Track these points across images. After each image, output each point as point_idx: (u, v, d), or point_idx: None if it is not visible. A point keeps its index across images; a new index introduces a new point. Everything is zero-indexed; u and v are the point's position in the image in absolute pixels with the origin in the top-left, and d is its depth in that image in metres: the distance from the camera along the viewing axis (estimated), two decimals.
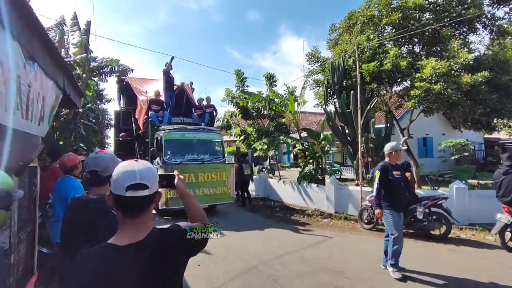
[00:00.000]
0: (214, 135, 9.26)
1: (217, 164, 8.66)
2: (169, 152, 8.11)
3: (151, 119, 8.99)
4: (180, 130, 8.57)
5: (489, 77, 7.63)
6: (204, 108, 10.35)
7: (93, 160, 1.81)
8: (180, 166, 7.77)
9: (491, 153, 20.29)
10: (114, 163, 1.84)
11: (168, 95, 9.71)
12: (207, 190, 8.09)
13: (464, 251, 5.49)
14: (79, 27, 11.54)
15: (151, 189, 1.09)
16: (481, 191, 7.92)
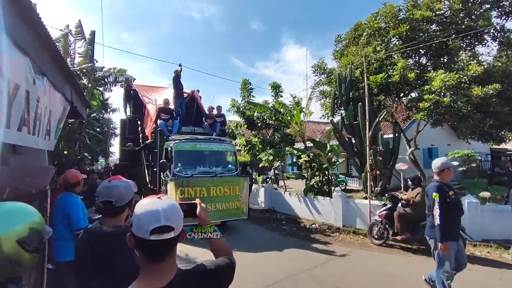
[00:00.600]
0: (227, 146, 8.78)
1: (230, 177, 8.14)
2: (180, 164, 7.67)
3: (160, 128, 8.53)
4: (191, 141, 8.09)
5: (500, 89, 7.53)
6: (215, 117, 9.89)
7: (107, 190, 1.69)
8: (191, 179, 7.32)
9: (498, 164, 20.02)
10: (129, 192, 1.73)
11: (178, 103, 9.34)
12: (219, 205, 7.54)
13: (481, 271, 5.28)
14: (84, 36, 11.61)
15: (176, 230, 1.01)
16: (494, 206, 7.73)
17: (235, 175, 8.36)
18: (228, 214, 7.67)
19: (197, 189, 7.13)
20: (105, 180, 1.85)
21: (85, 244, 1.68)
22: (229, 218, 7.84)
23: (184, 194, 6.87)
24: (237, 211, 7.79)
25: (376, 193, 8.59)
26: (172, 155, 7.62)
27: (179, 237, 1.05)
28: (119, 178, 1.81)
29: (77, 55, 12.02)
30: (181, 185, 6.92)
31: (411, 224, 6.37)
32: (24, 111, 3.35)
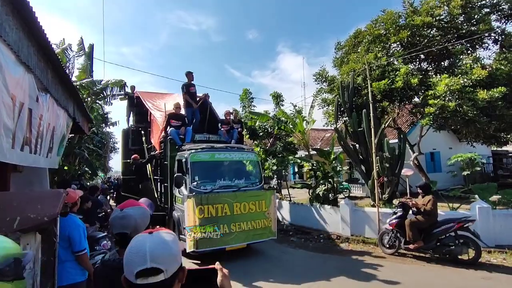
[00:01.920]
0: (249, 154, 7.68)
1: (255, 190, 7.07)
2: (197, 177, 6.59)
3: (171, 136, 7.53)
4: (209, 150, 7.03)
5: (505, 92, 7.50)
6: (232, 123, 8.92)
7: (120, 221, 1.55)
8: (211, 195, 6.27)
9: (501, 166, 19.96)
10: (144, 220, 1.61)
11: (190, 111, 8.42)
12: (244, 225, 6.43)
13: (500, 279, 5.12)
14: (85, 52, 11.60)
15: (167, 272, 0.87)
16: (506, 210, 7.60)
17: (261, 188, 7.36)
18: (254, 235, 6.57)
19: (218, 207, 6.14)
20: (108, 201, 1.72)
21: (103, 278, 1.55)
22: (256, 240, 6.66)
23: (204, 213, 5.91)
24: (264, 230, 6.71)
25: (384, 200, 8.44)
26: (188, 167, 6.59)
27: (175, 280, 0.90)
28: (131, 204, 1.67)
29: (76, 69, 12.02)
30: (200, 202, 5.94)
31: (423, 232, 6.22)
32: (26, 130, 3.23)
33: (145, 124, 10.28)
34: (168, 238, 0.92)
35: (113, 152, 20.78)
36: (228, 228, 6.17)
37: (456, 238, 5.94)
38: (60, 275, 2.81)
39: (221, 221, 6.05)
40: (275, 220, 7.06)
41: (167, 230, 0.96)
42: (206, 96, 9.12)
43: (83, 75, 11.84)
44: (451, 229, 5.96)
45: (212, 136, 8.36)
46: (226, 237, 6.02)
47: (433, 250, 6.18)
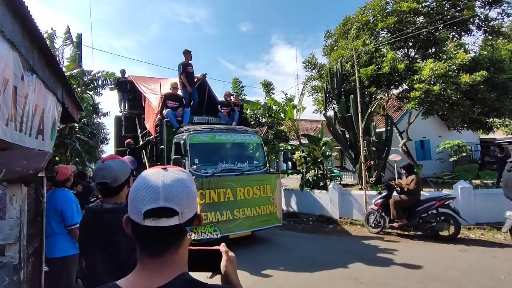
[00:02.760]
0: (252, 136, 7.21)
1: (259, 174, 6.67)
2: (197, 160, 6.09)
3: (168, 118, 7.02)
4: (209, 131, 6.56)
5: (487, 76, 7.71)
6: (233, 105, 8.38)
7: (101, 172, 1.66)
8: (213, 179, 5.87)
9: (488, 153, 20.42)
10: (124, 171, 1.70)
11: (187, 91, 7.85)
12: (248, 211, 6.06)
13: (476, 251, 5.40)
14: (72, 41, 11.50)
15: (183, 216, 0.70)
16: (486, 190, 7.90)
17: (265, 172, 6.94)
18: (259, 222, 6.20)
19: (220, 192, 5.74)
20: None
21: (87, 222, 1.68)
22: (261, 227, 6.30)
23: (205, 198, 5.52)
24: (269, 217, 6.35)
25: (371, 183, 8.68)
26: (187, 150, 6.08)
27: (190, 225, 0.75)
28: (113, 157, 1.79)
29: (64, 59, 11.92)
30: (201, 187, 5.52)
31: (407, 211, 6.46)
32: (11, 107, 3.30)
33: (138, 110, 9.93)
34: (186, 177, 0.76)
35: (105, 144, 20.69)
36: (232, 214, 5.80)
37: (437, 216, 6.19)
38: (53, 247, 2.90)
39: (223, 207, 5.72)
40: (281, 206, 6.70)
41: (182, 169, 0.82)
42: (204, 76, 8.55)
43: (72, 65, 11.77)
44: (432, 207, 6.20)
45: (212, 118, 7.88)
46: (229, 224, 5.70)
47: (416, 227, 6.44)
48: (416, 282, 4.11)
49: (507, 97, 8.46)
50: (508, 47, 9.27)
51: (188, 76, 7.79)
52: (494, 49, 8.72)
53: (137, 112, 10.04)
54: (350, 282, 4.25)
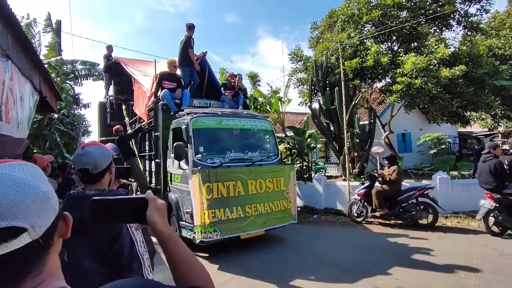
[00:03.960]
0: (263, 123, 6.35)
1: (272, 165, 5.88)
2: (201, 148, 5.30)
3: (164, 101, 6.15)
4: (215, 115, 5.74)
5: (465, 70, 7.98)
6: (237, 88, 7.45)
7: (81, 158, 1.61)
8: (221, 170, 5.03)
9: (465, 145, 21.26)
10: (105, 157, 1.65)
11: (187, 70, 6.87)
12: (261, 207, 5.25)
13: (452, 237, 5.66)
14: (53, 28, 11.05)
15: (35, 229, 0.52)
16: (462, 180, 8.24)
17: (278, 162, 6.16)
18: (273, 220, 5.41)
19: (230, 185, 4.96)
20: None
21: (68, 209, 1.63)
22: (275, 225, 5.48)
23: (212, 193, 4.73)
24: (284, 213, 5.56)
25: (354, 174, 8.88)
26: (190, 136, 5.24)
27: (50, 243, 0.57)
28: (93, 144, 1.75)
29: (43, 47, 11.45)
30: (208, 179, 4.75)
31: (388, 200, 6.66)
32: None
33: (126, 96, 9.07)
34: (24, 173, 0.56)
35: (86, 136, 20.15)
36: (243, 211, 5.01)
37: (417, 205, 6.41)
38: None
39: (233, 202, 4.94)
40: (295, 201, 5.95)
41: (19, 161, 0.59)
42: (204, 54, 7.44)
43: (51, 53, 11.32)
44: (412, 196, 6.42)
45: (214, 102, 6.94)
46: (240, 223, 4.91)
47: (397, 216, 6.65)
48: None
49: (484, 91, 8.80)
50: (486, 43, 9.62)
51: (188, 55, 6.80)
52: (472, 44, 9.02)
53: (124, 97, 9.14)
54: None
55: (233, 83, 7.39)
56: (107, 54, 9.49)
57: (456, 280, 3.78)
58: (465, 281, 3.73)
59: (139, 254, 1.56)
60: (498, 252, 4.69)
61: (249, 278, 4.16)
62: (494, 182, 5.44)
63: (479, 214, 5.72)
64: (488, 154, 5.66)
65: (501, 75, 9.06)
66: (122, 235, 1.52)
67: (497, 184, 5.41)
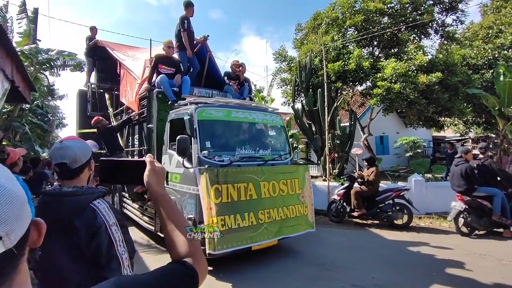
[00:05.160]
0: (274, 117, 5.61)
1: (286, 166, 5.19)
2: (208, 143, 4.57)
3: (160, 88, 5.38)
4: (222, 106, 4.97)
5: (441, 78, 8.33)
6: (242, 79, 6.69)
7: (59, 151, 1.54)
8: (231, 170, 4.30)
9: (439, 149, 22.25)
10: (84, 151, 1.60)
11: (184, 56, 6.08)
12: (274, 212, 4.51)
13: (425, 238, 5.89)
14: (27, 15, 10.49)
15: (9, 237, 0.46)
16: (436, 183, 8.62)
17: (291, 162, 5.49)
18: (287, 227, 4.66)
19: (241, 187, 4.24)
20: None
21: (44, 206, 1.55)
22: (290, 233, 4.70)
23: (221, 196, 4.03)
24: (299, 220, 4.82)
25: (334, 175, 9.05)
26: (194, 128, 4.49)
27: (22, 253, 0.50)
28: (72, 138, 1.68)
29: (16, 34, 10.86)
30: (216, 180, 4.05)
31: (366, 201, 6.85)
32: None
33: (110, 84, 8.21)
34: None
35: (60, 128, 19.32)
36: (255, 218, 4.27)
37: (393, 205, 6.63)
38: None
39: (245, 208, 4.21)
40: (312, 207, 5.17)
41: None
42: (205, 39, 6.61)
43: (25, 41, 10.75)
44: (389, 197, 6.64)
45: (217, 92, 6.21)
46: (252, 232, 4.19)
47: (374, 216, 6.85)
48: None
49: (458, 98, 9.24)
50: (460, 52, 10.11)
51: (189, 36, 6.04)
52: (448, 53, 9.45)
53: (108, 86, 8.27)
54: None
55: (238, 72, 6.56)
56: (90, 36, 8.60)
57: (428, 278, 3.94)
58: (436, 279, 3.90)
59: (118, 253, 1.50)
60: (466, 251, 4.95)
61: None
62: (464, 185, 5.73)
63: (450, 215, 6.01)
64: (460, 158, 5.96)
65: (473, 83, 9.54)
66: (100, 233, 1.46)
67: (467, 187, 5.71)
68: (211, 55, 6.93)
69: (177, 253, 0.79)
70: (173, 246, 0.80)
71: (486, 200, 5.69)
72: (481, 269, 4.17)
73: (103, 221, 1.44)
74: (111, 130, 6.42)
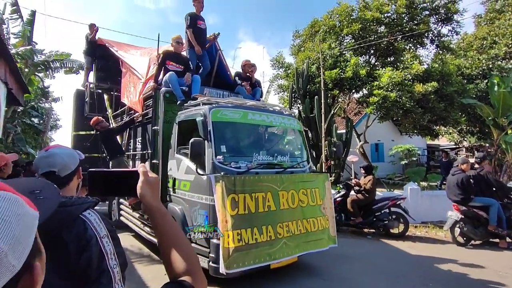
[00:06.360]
0: (292, 121, 5.12)
1: (306, 174, 4.69)
2: (224, 147, 4.13)
3: (168, 87, 4.95)
4: (238, 107, 4.48)
5: (437, 87, 8.41)
6: (254, 80, 6.25)
7: (46, 160, 1.47)
8: (249, 178, 3.81)
9: (433, 158, 22.41)
10: (73, 158, 1.53)
11: (194, 54, 5.79)
12: (294, 226, 4.03)
13: (421, 247, 5.86)
14: (21, 15, 10.39)
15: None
16: (431, 192, 8.64)
17: (309, 169, 4.95)
18: (309, 242, 4.16)
19: (258, 197, 3.78)
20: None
21: None
22: (311, 249, 4.19)
23: (238, 207, 3.55)
24: (321, 234, 4.33)
25: (330, 181, 9.03)
26: (209, 131, 4.02)
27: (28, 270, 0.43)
28: (57, 146, 1.62)
29: (11, 35, 10.75)
30: (233, 189, 3.59)
31: (363, 209, 6.81)
32: None
33: (109, 84, 7.86)
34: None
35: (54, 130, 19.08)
36: (274, 232, 3.82)
37: (389, 214, 6.61)
38: None
39: (263, 220, 3.75)
40: (334, 219, 4.64)
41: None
42: (215, 36, 6.24)
43: (20, 43, 10.65)
44: (386, 206, 6.61)
45: (227, 93, 5.83)
46: (271, 247, 3.72)
47: (370, 224, 6.80)
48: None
49: (453, 107, 9.32)
50: (455, 62, 10.25)
51: (199, 33, 5.76)
52: (443, 63, 9.56)
53: (108, 86, 7.92)
54: None
55: (250, 73, 6.17)
56: (89, 34, 8.18)
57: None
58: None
59: (109, 267, 1.43)
60: (462, 262, 4.92)
61: None
62: (460, 195, 5.73)
63: (446, 225, 6.00)
64: (457, 168, 5.98)
65: (468, 93, 9.65)
66: (90, 246, 1.38)
67: (463, 197, 5.71)
68: (221, 55, 6.62)
69: (174, 271, 0.75)
70: (170, 263, 0.75)
71: (482, 210, 5.69)
72: (478, 281, 4.15)
73: (94, 233, 1.36)
74: (111, 132, 6.09)
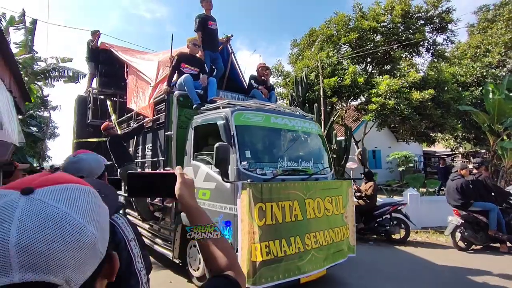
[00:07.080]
0: (313, 125, 4.89)
1: (330, 181, 4.42)
2: (248, 152, 3.81)
3: (181, 90, 4.77)
4: (261, 110, 4.22)
5: (434, 94, 8.59)
6: (269, 83, 6.14)
7: (75, 165, 1.53)
8: (275, 186, 3.52)
9: (429, 164, 22.61)
10: (99, 164, 1.59)
11: (207, 55, 5.63)
12: (321, 236, 3.75)
13: (423, 252, 5.91)
14: (25, 25, 10.48)
15: (70, 285, 0.40)
16: (430, 197, 8.72)
17: (333, 176, 4.69)
18: (335, 253, 3.91)
19: (285, 206, 3.48)
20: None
21: None
22: (336, 260, 3.92)
23: (265, 217, 3.27)
24: (343, 244, 4.06)
25: None
26: (232, 135, 3.75)
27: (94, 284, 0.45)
28: (84, 151, 1.68)
29: (13, 44, 10.79)
30: (260, 197, 3.29)
31: (364, 215, 6.86)
32: None
33: (114, 90, 7.69)
34: (71, 208, 0.42)
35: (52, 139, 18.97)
36: (302, 243, 3.53)
37: (391, 220, 6.66)
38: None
39: (290, 231, 3.46)
40: (354, 228, 4.42)
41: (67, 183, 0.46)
42: (228, 39, 6.08)
43: (21, 52, 10.70)
44: (387, 212, 6.67)
45: (243, 97, 5.64)
46: (299, 260, 3.45)
47: (372, 230, 6.85)
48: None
49: (449, 114, 9.50)
50: (450, 70, 10.49)
51: (210, 35, 5.58)
52: (439, 71, 9.78)
53: (112, 91, 7.73)
54: None
55: (266, 76, 6.00)
56: (91, 40, 8.08)
57: None
58: None
59: (136, 270, 1.48)
60: (465, 267, 4.97)
61: None
62: (460, 199, 5.82)
63: (447, 230, 6.06)
64: (456, 173, 6.08)
65: (463, 100, 9.86)
66: (119, 249, 1.44)
67: (463, 201, 5.80)
68: (234, 58, 6.46)
69: (217, 266, 0.78)
70: (212, 259, 0.79)
71: (482, 214, 5.77)
72: (484, 285, 4.20)
73: (122, 236, 1.41)
74: (120, 139, 5.78)
